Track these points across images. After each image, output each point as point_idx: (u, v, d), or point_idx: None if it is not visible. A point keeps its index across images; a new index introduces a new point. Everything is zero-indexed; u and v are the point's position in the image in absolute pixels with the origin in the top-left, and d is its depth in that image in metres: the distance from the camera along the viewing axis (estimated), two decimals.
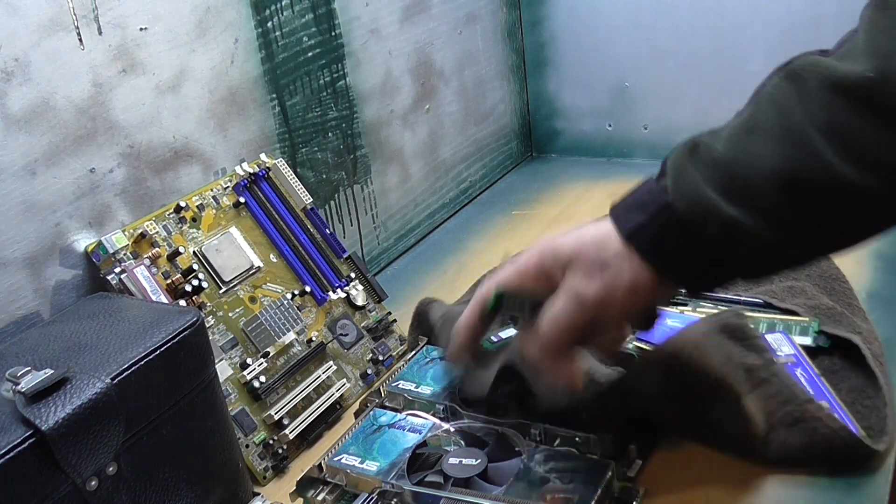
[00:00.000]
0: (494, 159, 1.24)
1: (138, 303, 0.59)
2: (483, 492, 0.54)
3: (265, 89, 0.81)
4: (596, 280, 0.49)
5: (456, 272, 0.95)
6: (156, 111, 0.70)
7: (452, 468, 0.56)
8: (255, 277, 0.72)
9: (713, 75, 1.14)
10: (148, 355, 0.50)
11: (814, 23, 1.05)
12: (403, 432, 0.61)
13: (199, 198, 0.71)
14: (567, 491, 0.52)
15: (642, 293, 0.49)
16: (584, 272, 0.49)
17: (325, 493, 0.58)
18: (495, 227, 1.06)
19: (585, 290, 0.49)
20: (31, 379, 0.46)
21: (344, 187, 0.93)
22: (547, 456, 0.55)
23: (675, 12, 1.14)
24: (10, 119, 0.59)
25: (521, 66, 1.29)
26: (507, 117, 1.27)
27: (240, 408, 0.66)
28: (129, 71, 0.67)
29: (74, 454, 0.46)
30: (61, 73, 0.62)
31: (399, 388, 0.66)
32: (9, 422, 0.45)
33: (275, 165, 0.78)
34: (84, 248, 0.64)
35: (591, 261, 0.49)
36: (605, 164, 1.26)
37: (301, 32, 0.84)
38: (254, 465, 0.64)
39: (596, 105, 1.26)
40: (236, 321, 0.69)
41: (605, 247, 0.49)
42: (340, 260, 0.79)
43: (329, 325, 0.75)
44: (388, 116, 0.99)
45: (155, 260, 0.65)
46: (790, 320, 0.69)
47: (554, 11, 1.24)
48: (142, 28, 0.68)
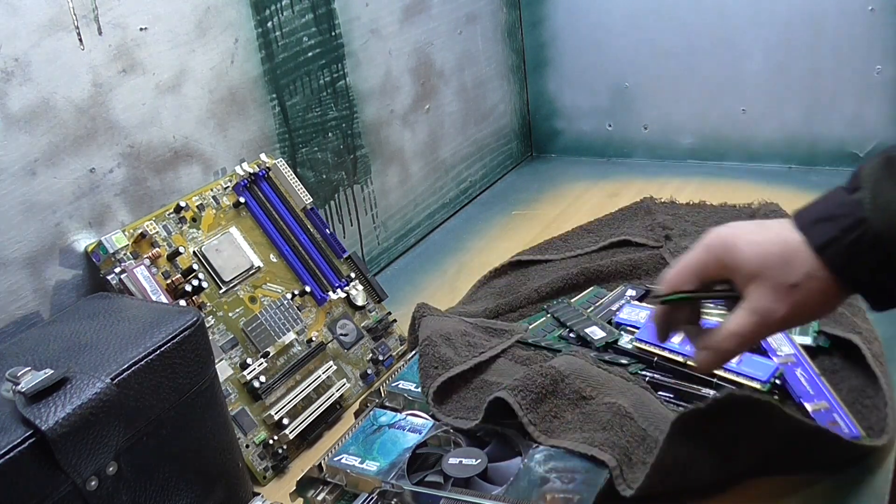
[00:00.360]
0: (494, 159, 1.24)
1: (138, 303, 0.59)
2: (483, 492, 0.54)
3: (265, 89, 0.81)
4: (786, 301, 0.47)
5: (456, 272, 0.95)
6: (156, 111, 0.70)
7: (452, 468, 0.56)
8: (255, 277, 0.72)
9: (713, 75, 1.14)
10: (148, 355, 0.50)
11: (814, 23, 1.05)
12: (403, 432, 0.61)
13: (199, 198, 0.71)
14: (567, 491, 0.52)
15: (829, 309, 0.49)
16: (773, 291, 0.47)
17: (325, 493, 0.58)
18: (495, 227, 1.06)
19: (775, 312, 0.47)
20: (31, 379, 0.46)
21: (344, 187, 0.93)
22: (547, 456, 0.55)
23: (675, 13, 1.14)
24: (10, 119, 0.59)
25: (521, 66, 1.29)
26: (507, 117, 1.27)
27: (240, 408, 0.66)
28: (129, 71, 0.67)
29: (74, 454, 0.45)
30: (61, 73, 0.62)
31: (399, 388, 0.66)
32: (9, 422, 0.45)
33: (275, 165, 0.78)
34: (84, 248, 0.64)
35: (781, 279, 0.47)
36: (605, 164, 1.26)
37: (301, 32, 0.84)
38: (254, 465, 0.64)
39: (596, 105, 1.26)
40: (236, 321, 0.69)
41: (794, 264, 0.47)
42: (340, 260, 0.79)
43: (329, 325, 0.75)
44: (388, 116, 0.99)
45: (155, 260, 0.65)
46: None
47: (554, 11, 1.24)
48: (142, 28, 0.68)
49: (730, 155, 1.16)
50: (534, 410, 0.58)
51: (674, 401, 0.62)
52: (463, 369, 0.65)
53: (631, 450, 0.54)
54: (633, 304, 0.74)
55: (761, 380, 0.60)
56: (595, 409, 0.58)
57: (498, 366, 0.67)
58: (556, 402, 0.59)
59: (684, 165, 1.19)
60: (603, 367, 0.64)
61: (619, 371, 0.63)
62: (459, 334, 0.70)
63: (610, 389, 0.60)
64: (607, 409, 0.57)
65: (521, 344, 0.71)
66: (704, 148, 1.19)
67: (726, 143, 1.16)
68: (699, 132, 1.19)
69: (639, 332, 0.68)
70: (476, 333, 0.71)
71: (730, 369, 0.61)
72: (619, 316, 0.73)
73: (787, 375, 0.62)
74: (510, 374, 0.65)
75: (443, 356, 0.66)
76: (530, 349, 0.70)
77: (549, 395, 0.59)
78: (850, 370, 0.64)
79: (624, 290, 0.79)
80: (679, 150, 1.20)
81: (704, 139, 1.18)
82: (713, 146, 1.18)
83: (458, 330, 0.70)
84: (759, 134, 1.13)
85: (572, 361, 0.63)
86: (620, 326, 0.72)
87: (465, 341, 0.69)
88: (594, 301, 0.78)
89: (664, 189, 1.08)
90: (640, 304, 0.74)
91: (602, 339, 0.70)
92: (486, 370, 0.67)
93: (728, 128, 1.16)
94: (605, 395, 0.59)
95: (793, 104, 1.10)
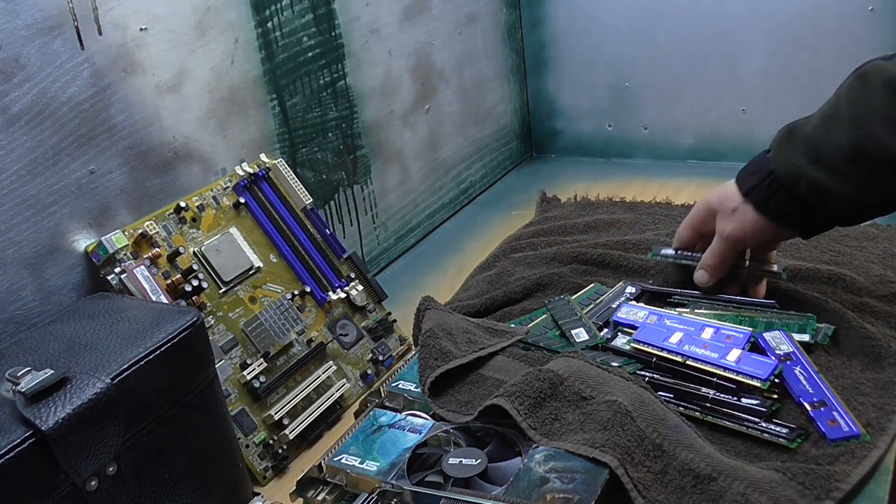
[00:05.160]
0: (494, 159, 1.24)
1: (138, 303, 0.59)
2: (483, 492, 0.54)
3: (265, 89, 0.81)
4: (731, 221, 0.70)
5: (456, 272, 0.95)
6: (156, 111, 0.70)
7: (452, 468, 0.56)
8: (255, 277, 0.72)
9: (713, 75, 1.14)
10: (148, 355, 0.50)
11: (814, 23, 1.05)
12: (403, 432, 0.61)
13: (199, 198, 0.71)
14: (567, 491, 0.52)
15: (762, 232, 0.69)
16: (723, 217, 0.71)
17: (325, 493, 0.58)
18: (495, 227, 1.06)
19: (725, 228, 0.71)
20: (31, 379, 0.46)
21: (344, 187, 0.93)
22: (547, 456, 0.55)
23: (674, 13, 1.14)
24: (10, 119, 0.59)
25: (521, 66, 1.29)
26: (507, 117, 1.27)
27: (240, 408, 0.66)
28: (129, 71, 0.67)
29: (74, 454, 0.46)
30: (61, 73, 0.62)
31: (399, 388, 0.66)
32: (9, 422, 0.45)
33: (275, 165, 0.78)
34: (84, 248, 0.64)
35: (726, 208, 0.71)
36: (605, 164, 1.26)
37: (301, 32, 0.84)
38: (254, 465, 0.64)
39: (596, 105, 1.26)
40: (236, 321, 0.69)
41: (733, 199, 0.70)
42: (340, 260, 0.79)
43: (329, 325, 0.75)
44: (388, 116, 0.99)
45: (155, 260, 0.65)
46: (790, 319, 0.69)
47: (554, 11, 1.24)
48: (142, 28, 0.68)
49: (730, 155, 1.16)
50: (533, 415, 0.58)
51: (674, 401, 0.62)
52: (462, 363, 0.65)
53: (632, 449, 0.54)
54: (630, 305, 0.74)
55: (761, 377, 0.60)
56: (595, 408, 0.58)
57: (496, 362, 0.67)
58: (556, 405, 0.59)
59: (684, 165, 1.19)
60: (602, 367, 0.64)
61: (618, 370, 0.63)
62: (461, 331, 0.70)
63: (610, 388, 0.60)
64: (608, 408, 0.57)
65: (521, 342, 0.71)
66: (704, 148, 1.19)
67: (726, 143, 1.17)
68: (699, 132, 1.19)
69: (637, 333, 0.68)
70: (477, 332, 0.71)
71: (730, 368, 0.61)
72: (618, 315, 0.73)
73: (786, 374, 0.62)
74: (507, 370, 0.65)
75: (443, 349, 0.66)
76: (530, 348, 0.70)
77: (549, 399, 0.59)
78: (848, 367, 0.64)
79: (623, 286, 0.79)
80: (679, 150, 1.21)
81: (704, 139, 1.18)
82: (713, 146, 1.18)
83: (461, 327, 0.71)
84: (759, 134, 1.13)
85: (570, 363, 0.63)
86: (619, 326, 0.72)
87: (466, 338, 0.69)
88: (594, 298, 0.78)
89: (664, 189, 1.09)
90: (637, 304, 0.74)
91: (583, 343, 0.70)
92: (484, 366, 0.67)
93: (728, 128, 1.16)
94: (605, 393, 0.59)
95: (793, 104, 1.09)
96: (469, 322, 0.73)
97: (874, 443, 0.56)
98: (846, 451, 0.55)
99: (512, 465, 0.56)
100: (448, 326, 0.70)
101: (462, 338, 0.69)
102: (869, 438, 0.56)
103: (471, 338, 0.69)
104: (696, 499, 0.52)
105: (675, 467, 0.54)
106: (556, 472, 0.54)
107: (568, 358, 0.64)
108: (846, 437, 0.56)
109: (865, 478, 0.53)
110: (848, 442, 0.56)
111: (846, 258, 0.80)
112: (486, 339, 0.70)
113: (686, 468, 0.53)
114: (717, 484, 0.52)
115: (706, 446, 0.56)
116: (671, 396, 0.63)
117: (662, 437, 0.55)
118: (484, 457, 0.56)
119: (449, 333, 0.69)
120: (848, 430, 0.57)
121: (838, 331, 0.67)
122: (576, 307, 0.76)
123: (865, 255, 0.80)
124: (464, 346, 0.68)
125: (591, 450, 0.54)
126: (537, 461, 0.55)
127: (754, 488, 0.51)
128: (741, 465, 0.54)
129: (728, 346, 0.64)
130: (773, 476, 0.52)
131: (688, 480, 0.53)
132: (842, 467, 0.53)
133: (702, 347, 0.64)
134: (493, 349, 0.68)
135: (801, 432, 0.58)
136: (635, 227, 0.95)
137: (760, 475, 0.52)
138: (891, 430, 0.57)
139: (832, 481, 0.52)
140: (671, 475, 0.53)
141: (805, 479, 0.52)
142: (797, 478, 0.52)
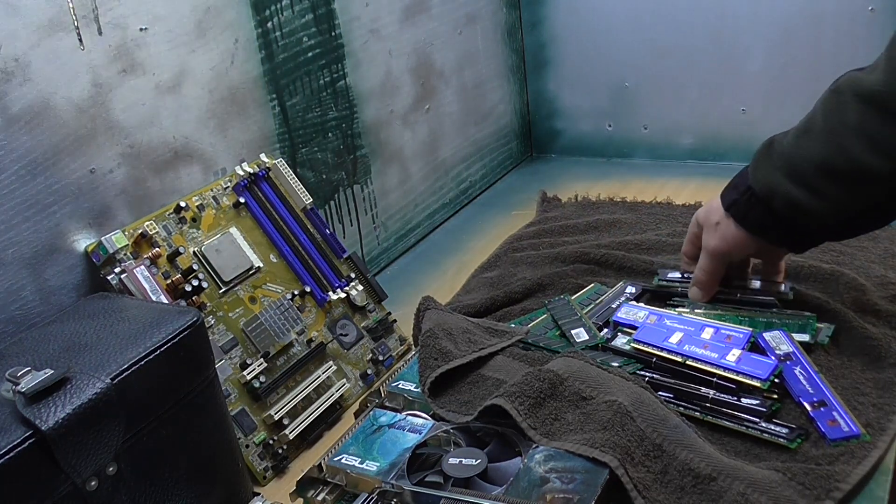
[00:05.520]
0: (494, 159, 1.24)
1: (138, 303, 0.59)
2: (483, 492, 0.54)
3: (265, 89, 0.81)
4: (714, 235, 0.70)
5: (456, 272, 0.95)
6: (156, 111, 0.70)
7: (452, 468, 0.56)
8: (255, 277, 0.72)
9: (713, 75, 1.14)
10: (148, 355, 0.50)
11: (814, 23, 1.05)
12: (403, 432, 0.61)
13: (199, 198, 0.71)
14: (567, 491, 0.52)
15: (745, 246, 0.69)
16: (707, 231, 0.71)
17: (325, 493, 0.58)
18: (495, 227, 1.06)
19: (709, 242, 0.71)
20: (31, 379, 0.46)
21: (344, 187, 0.93)
22: (547, 456, 0.55)
23: (675, 13, 1.14)
24: (10, 119, 0.59)
25: (521, 66, 1.29)
26: (507, 117, 1.27)
27: (240, 408, 0.66)
28: (129, 71, 0.67)
29: (74, 454, 0.46)
30: (61, 73, 0.62)
31: (399, 388, 0.66)
32: (9, 422, 0.45)
33: (275, 165, 0.78)
34: (84, 248, 0.64)
35: (710, 222, 0.71)
36: (605, 164, 1.26)
37: (301, 32, 0.84)
38: (254, 465, 0.64)
39: (596, 105, 1.26)
40: (236, 321, 0.69)
41: (716, 213, 0.70)
42: (340, 260, 0.79)
43: (329, 325, 0.75)
44: (388, 116, 0.99)
45: (155, 260, 0.65)
46: (790, 319, 0.69)
47: (554, 11, 1.24)
48: (142, 28, 0.68)
49: (730, 155, 1.16)
50: (533, 415, 0.58)
51: (674, 401, 0.62)
52: (462, 363, 0.65)
53: (632, 449, 0.54)
54: (630, 305, 0.74)
55: (761, 377, 0.60)
56: (595, 408, 0.58)
57: (496, 362, 0.67)
58: (556, 405, 0.59)
59: (684, 165, 1.19)
60: (602, 367, 0.64)
61: (618, 370, 0.63)
62: (461, 331, 0.70)
63: (610, 388, 0.60)
64: (608, 408, 0.57)
65: (521, 342, 0.71)
66: (704, 148, 1.19)
67: (726, 143, 1.17)
68: (699, 132, 1.19)
69: (637, 333, 0.68)
70: (477, 332, 0.71)
71: (729, 368, 0.61)
72: (618, 315, 0.73)
73: (786, 374, 0.62)
74: (507, 370, 0.65)
75: (443, 349, 0.66)
76: (530, 348, 0.70)
77: (548, 399, 0.59)
78: (848, 367, 0.64)
79: (623, 286, 0.79)
80: (679, 150, 1.21)
81: (704, 139, 1.18)
82: (713, 146, 1.18)
83: (461, 327, 0.71)
84: (759, 134, 1.12)
85: (570, 363, 0.63)
86: (619, 326, 0.72)
87: (466, 338, 0.69)
88: (594, 298, 0.78)
89: (664, 189, 1.09)
90: (637, 304, 0.74)
91: (583, 343, 0.70)
92: (484, 366, 0.67)
93: (728, 128, 1.16)
94: (605, 393, 0.59)
95: (793, 104, 1.10)
96: (469, 322, 0.73)
97: (874, 443, 0.56)
98: (846, 451, 0.55)
99: (512, 466, 0.56)
100: (448, 326, 0.70)
101: (462, 338, 0.69)
102: (869, 438, 0.56)
103: (471, 338, 0.69)
104: (696, 499, 0.52)
105: (675, 467, 0.54)
106: (556, 472, 0.54)
107: (568, 358, 0.64)
108: (846, 437, 0.56)
109: (865, 478, 0.53)
110: (848, 442, 0.56)
111: (847, 258, 0.80)
112: (486, 339, 0.70)
113: (686, 468, 0.53)
114: (717, 484, 0.52)
115: (706, 446, 0.56)
116: (671, 396, 0.63)
117: (662, 437, 0.55)
118: (484, 457, 0.56)
119: (449, 333, 0.69)
120: (848, 430, 0.57)
121: (838, 331, 0.67)
122: (576, 307, 0.76)
123: (866, 255, 0.80)
124: (464, 346, 0.68)
125: (591, 450, 0.54)
126: (537, 461, 0.55)
127: (754, 488, 0.51)
128: (741, 465, 0.54)
129: (728, 346, 0.64)
130: (773, 476, 0.52)
131: (688, 480, 0.53)
132: (842, 467, 0.53)
133: (702, 347, 0.64)
134: (493, 349, 0.68)
135: (801, 432, 0.58)
136: (636, 228, 0.95)
137: (760, 475, 0.52)
138: (891, 430, 0.57)
139: (832, 481, 0.52)
140: (671, 475, 0.53)
141: (805, 479, 0.52)
142: (797, 478, 0.52)
